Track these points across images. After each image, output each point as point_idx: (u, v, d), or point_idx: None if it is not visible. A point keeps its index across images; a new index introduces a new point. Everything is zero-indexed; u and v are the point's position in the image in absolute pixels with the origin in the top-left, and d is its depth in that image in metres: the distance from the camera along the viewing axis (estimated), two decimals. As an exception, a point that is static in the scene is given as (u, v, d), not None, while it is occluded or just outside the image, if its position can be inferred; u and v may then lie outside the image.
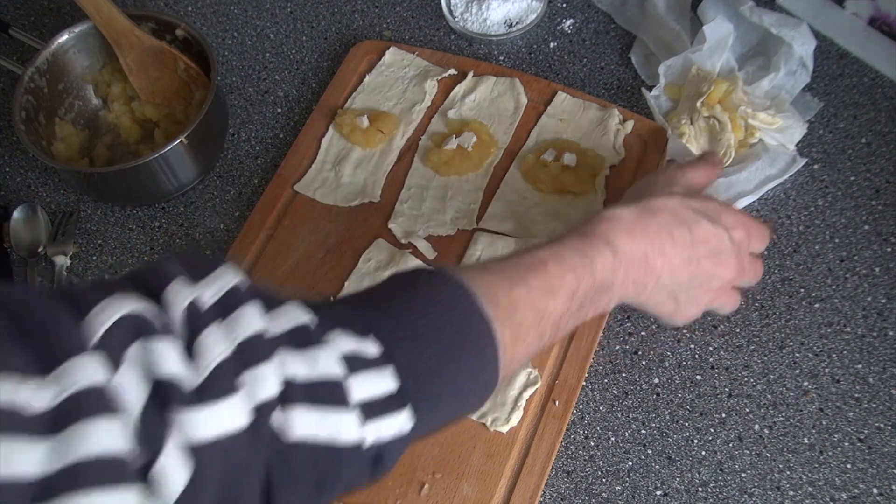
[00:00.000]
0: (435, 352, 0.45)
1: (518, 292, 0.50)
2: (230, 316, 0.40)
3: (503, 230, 0.77)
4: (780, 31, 0.79)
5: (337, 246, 0.78)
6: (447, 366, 0.45)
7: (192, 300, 0.39)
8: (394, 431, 0.43)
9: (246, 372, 0.38)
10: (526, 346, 0.51)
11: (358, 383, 0.42)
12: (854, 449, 0.66)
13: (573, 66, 0.89)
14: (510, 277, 0.51)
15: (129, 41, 0.84)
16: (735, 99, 0.78)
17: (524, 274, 0.52)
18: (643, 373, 0.71)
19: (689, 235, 0.60)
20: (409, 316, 0.45)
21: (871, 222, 0.76)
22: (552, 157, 0.79)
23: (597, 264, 0.55)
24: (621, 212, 0.58)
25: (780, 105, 0.79)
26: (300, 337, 0.41)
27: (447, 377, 0.45)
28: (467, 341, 0.46)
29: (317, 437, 0.40)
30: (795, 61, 0.80)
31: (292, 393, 0.40)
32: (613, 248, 0.56)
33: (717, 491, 0.66)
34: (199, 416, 0.36)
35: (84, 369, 0.34)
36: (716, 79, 0.79)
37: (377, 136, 0.83)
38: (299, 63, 0.93)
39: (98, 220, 0.85)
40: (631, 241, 0.57)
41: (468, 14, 0.91)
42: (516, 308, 0.50)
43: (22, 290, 0.37)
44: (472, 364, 0.47)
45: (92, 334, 0.36)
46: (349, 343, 0.42)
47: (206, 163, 0.85)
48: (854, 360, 0.70)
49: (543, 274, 0.52)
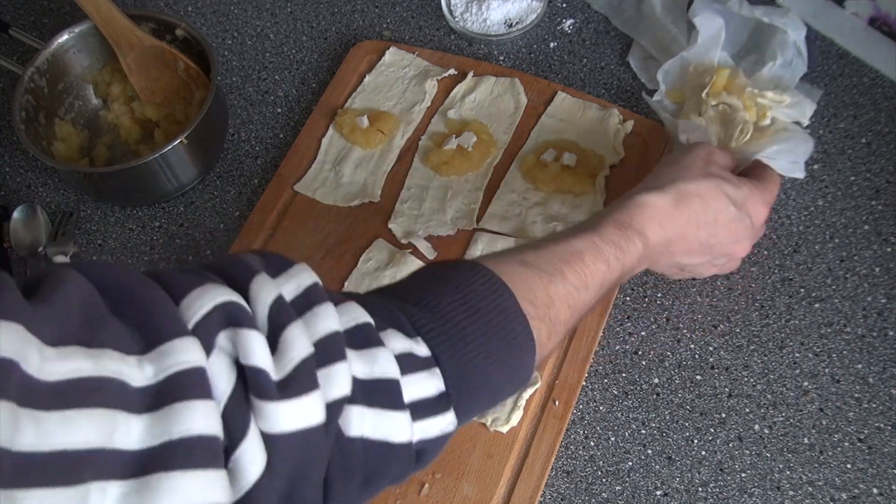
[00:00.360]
0: (479, 352, 0.46)
1: (555, 288, 0.51)
2: (308, 313, 0.41)
3: (503, 230, 0.77)
4: (772, 19, 0.79)
5: (337, 246, 0.78)
6: (489, 366, 0.46)
7: (276, 296, 0.40)
8: (438, 430, 0.44)
9: (323, 370, 0.39)
10: (557, 338, 0.53)
11: (410, 384, 0.43)
12: (854, 449, 0.66)
13: (573, 66, 0.89)
14: (549, 272, 0.52)
15: (129, 41, 0.84)
16: (740, 83, 0.78)
17: (561, 267, 0.53)
18: (643, 373, 0.71)
19: (714, 224, 0.63)
20: (455, 316, 0.46)
21: (871, 222, 0.76)
22: (552, 157, 0.79)
23: (628, 257, 0.57)
24: (658, 200, 0.60)
25: (785, 89, 0.79)
26: (361, 336, 0.42)
27: (488, 377, 0.46)
28: (508, 342, 0.47)
29: (373, 435, 0.41)
30: (791, 49, 0.80)
31: (354, 392, 0.41)
32: (645, 241, 0.58)
33: (717, 491, 0.66)
34: (281, 410, 0.37)
35: (186, 352, 0.35)
36: (717, 68, 0.79)
37: (377, 136, 0.83)
38: (299, 63, 0.93)
39: (98, 220, 0.85)
40: (661, 231, 0.59)
41: (468, 14, 0.91)
42: (552, 305, 0.51)
43: (120, 271, 0.38)
44: (512, 363, 0.48)
45: (189, 319, 0.37)
46: (401, 343, 0.43)
47: (206, 163, 0.85)
48: (854, 360, 0.70)
49: (580, 266, 0.54)
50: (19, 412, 0.29)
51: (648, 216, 0.59)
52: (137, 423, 0.33)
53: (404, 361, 0.43)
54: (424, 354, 0.44)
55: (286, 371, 0.38)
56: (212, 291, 0.38)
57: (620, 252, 0.56)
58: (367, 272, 0.76)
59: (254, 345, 0.37)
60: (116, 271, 0.37)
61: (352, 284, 0.75)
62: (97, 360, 0.32)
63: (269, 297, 0.40)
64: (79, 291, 0.35)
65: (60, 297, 0.34)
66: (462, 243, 0.77)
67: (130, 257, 0.82)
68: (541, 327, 0.49)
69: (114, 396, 0.32)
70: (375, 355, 0.42)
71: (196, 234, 0.83)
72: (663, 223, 0.60)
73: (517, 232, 0.77)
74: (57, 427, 0.30)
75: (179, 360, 0.35)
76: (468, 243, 0.77)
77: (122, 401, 0.33)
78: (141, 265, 0.82)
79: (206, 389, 0.35)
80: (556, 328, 0.51)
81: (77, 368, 0.32)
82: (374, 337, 0.43)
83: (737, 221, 0.64)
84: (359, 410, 0.41)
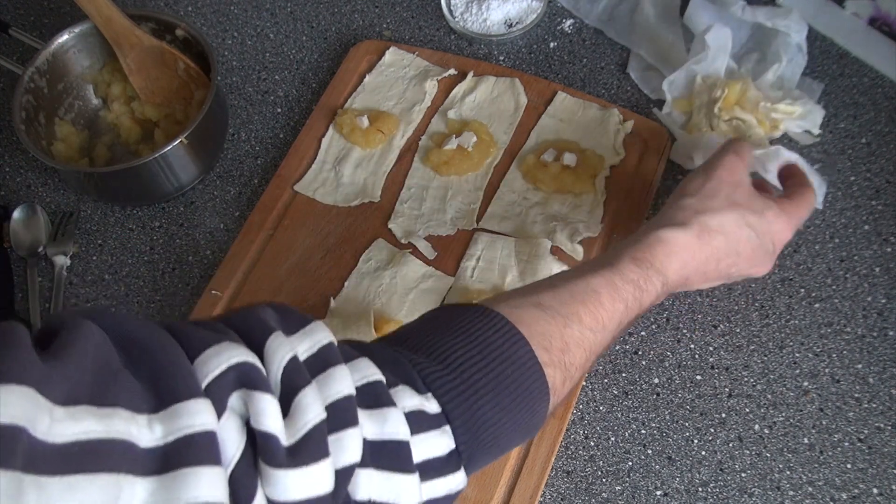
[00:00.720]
0: (491, 406, 0.45)
1: (571, 332, 0.50)
2: (322, 375, 0.40)
3: (503, 230, 0.77)
4: (775, 22, 0.79)
5: (337, 246, 0.78)
6: (501, 420, 0.45)
7: (291, 357, 0.39)
8: (446, 490, 0.44)
9: (334, 435, 0.39)
10: (573, 383, 0.52)
11: (420, 443, 0.42)
12: (854, 449, 0.66)
13: (573, 66, 0.89)
14: (564, 315, 0.51)
15: (129, 41, 0.84)
16: (752, 97, 0.78)
17: (577, 308, 0.52)
18: (643, 373, 0.71)
19: (734, 255, 0.61)
20: (468, 369, 0.45)
21: (871, 222, 0.76)
22: (552, 157, 0.79)
23: (646, 296, 0.56)
24: (680, 237, 0.58)
25: (790, 93, 0.79)
26: (372, 394, 0.42)
27: (500, 431, 0.46)
28: (522, 394, 0.46)
29: (380, 498, 0.41)
30: (793, 49, 0.80)
31: (363, 454, 0.40)
32: (664, 280, 0.57)
33: (717, 491, 0.66)
34: (290, 478, 0.36)
35: (197, 414, 0.34)
36: (728, 82, 0.79)
37: (377, 136, 0.83)
38: (299, 63, 0.93)
39: (98, 220, 0.85)
40: (682, 269, 0.58)
41: (468, 14, 0.91)
42: (567, 350, 0.50)
43: (138, 324, 0.37)
44: (525, 416, 0.47)
45: (202, 379, 0.36)
46: (412, 401, 0.43)
47: (206, 163, 0.85)
48: (854, 360, 0.70)
49: (596, 308, 0.52)
50: (23, 480, 0.29)
51: (668, 253, 0.57)
52: (143, 488, 0.32)
53: (415, 420, 0.42)
54: (435, 411, 0.43)
55: (297, 437, 0.37)
56: (228, 350, 0.37)
57: (639, 291, 0.55)
58: (367, 272, 0.76)
59: (266, 408, 0.37)
60: (133, 325, 0.37)
61: (352, 284, 0.75)
62: (107, 421, 0.32)
63: (284, 359, 0.39)
64: (93, 347, 0.34)
65: (74, 353, 0.33)
66: (462, 243, 0.77)
67: (130, 257, 0.82)
68: (556, 374, 0.48)
69: (120, 459, 0.32)
70: (386, 416, 0.41)
71: (196, 234, 0.83)
72: (685, 261, 0.58)
73: (517, 232, 0.77)
74: (61, 493, 0.30)
75: (190, 422, 0.34)
76: (468, 243, 0.77)
77: (128, 464, 0.32)
78: (141, 265, 0.82)
79: (215, 455, 0.35)
80: (572, 373, 0.50)
81: (86, 430, 0.31)
82: (384, 396, 0.42)
83: (758, 249, 0.63)
84: (367, 473, 0.40)
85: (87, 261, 0.83)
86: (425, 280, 0.75)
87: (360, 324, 0.70)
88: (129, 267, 0.82)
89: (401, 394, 0.43)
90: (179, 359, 0.36)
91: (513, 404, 0.46)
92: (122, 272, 0.82)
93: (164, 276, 0.81)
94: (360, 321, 0.71)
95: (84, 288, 0.81)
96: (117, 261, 0.82)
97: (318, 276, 0.77)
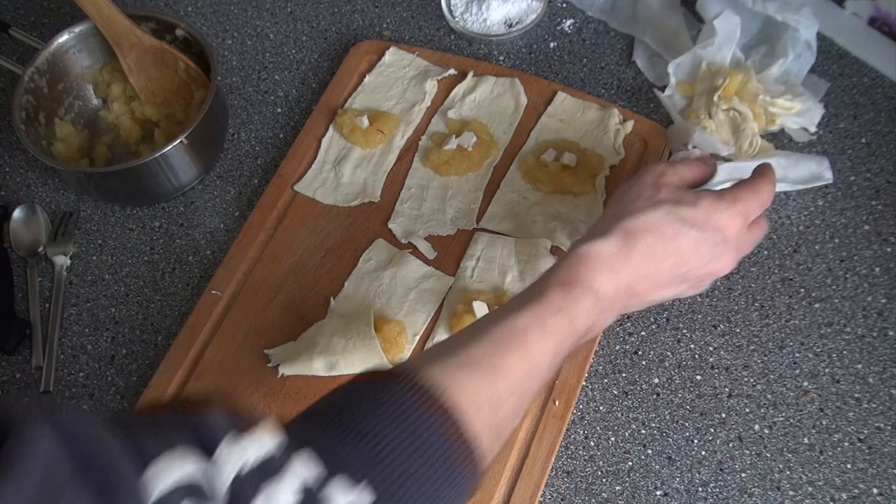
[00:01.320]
0: (416, 490, 0.44)
1: (500, 385, 0.49)
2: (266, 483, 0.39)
3: (503, 230, 0.77)
4: (784, 16, 0.79)
5: (337, 246, 0.78)
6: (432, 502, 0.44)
7: (240, 466, 0.39)
8: None
9: None
10: (504, 438, 0.50)
11: None
12: (854, 449, 0.66)
13: (573, 66, 0.89)
14: (492, 368, 0.49)
15: (129, 41, 0.84)
16: (752, 89, 0.78)
17: (505, 357, 0.50)
18: (643, 373, 0.71)
19: (676, 254, 0.57)
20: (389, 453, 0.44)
21: (871, 222, 0.76)
22: (552, 157, 0.79)
23: (579, 319, 0.53)
24: (601, 247, 0.55)
25: (793, 89, 0.79)
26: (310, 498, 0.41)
27: None
28: (448, 474, 0.45)
29: None
30: (802, 45, 0.80)
31: None
32: (595, 294, 0.54)
33: (717, 491, 0.66)
34: None
35: None
36: (730, 71, 0.79)
37: (377, 136, 0.83)
38: (299, 63, 0.93)
39: (98, 220, 0.85)
40: (614, 278, 0.55)
41: (468, 14, 0.91)
42: (499, 406, 0.48)
43: (93, 430, 0.37)
44: (452, 492, 0.45)
45: (150, 495, 0.36)
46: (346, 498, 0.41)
47: (206, 163, 0.85)
48: (854, 360, 0.70)
49: (525, 351, 0.50)
50: None
51: (593, 268, 0.54)
52: None
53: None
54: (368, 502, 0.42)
55: None
56: (178, 461, 0.37)
57: (568, 318, 0.52)
58: (367, 272, 0.76)
59: None
60: (89, 430, 0.36)
61: (352, 284, 0.75)
62: None
63: (234, 467, 0.39)
64: (42, 457, 0.34)
65: (19, 469, 0.33)
66: (462, 243, 0.77)
67: (130, 257, 0.82)
68: (485, 435, 0.47)
69: None
70: None
71: (196, 234, 0.83)
72: (614, 270, 0.55)
73: (517, 232, 0.77)
74: None
75: None
76: (468, 243, 0.77)
77: None
78: (141, 265, 0.82)
79: None
80: (503, 429, 0.49)
81: None
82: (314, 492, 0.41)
83: (703, 243, 0.58)
84: None
85: (87, 261, 0.83)
86: (425, 280, 0.75)
87: (359, 324, 0.71)
88: (129, 267, 0.82)
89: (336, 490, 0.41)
90: (128, 473, 0.36)
91: (440, 484, 0.44)
92: (122, 272, 0.82)
93: (164, 276, 0.81)
94: (360, 321, 0.71)
95: (84, 288, 0.81)
96: (117, 261, 0.82)
97: (318, 276, 0.77)
